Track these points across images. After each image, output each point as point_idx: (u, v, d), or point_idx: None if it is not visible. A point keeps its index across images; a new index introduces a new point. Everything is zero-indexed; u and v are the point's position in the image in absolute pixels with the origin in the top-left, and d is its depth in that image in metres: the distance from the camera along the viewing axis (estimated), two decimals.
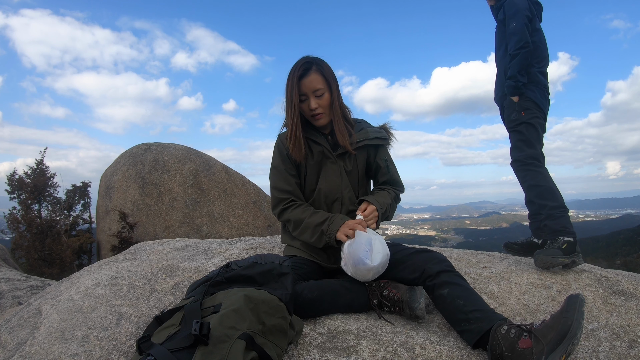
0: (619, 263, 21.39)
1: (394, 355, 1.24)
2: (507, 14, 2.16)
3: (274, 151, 1.81)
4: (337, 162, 1.75)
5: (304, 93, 1.67)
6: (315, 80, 1.65)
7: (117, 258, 2.22)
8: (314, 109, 1.67)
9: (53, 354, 1.29)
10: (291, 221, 1.72)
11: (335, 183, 1.74)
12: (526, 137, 2.12)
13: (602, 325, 1.51)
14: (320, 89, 1.66)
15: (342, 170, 1.76)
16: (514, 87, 2.11)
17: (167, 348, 0.95)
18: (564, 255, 1.91)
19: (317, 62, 1.68)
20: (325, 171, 1.75)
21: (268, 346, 1.06)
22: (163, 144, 6.74)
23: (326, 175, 1.75)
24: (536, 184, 2.09)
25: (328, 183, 1.74)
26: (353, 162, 1.78)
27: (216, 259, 2.04)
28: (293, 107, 1.65)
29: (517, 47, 2.08)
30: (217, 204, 6.30)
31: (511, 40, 2.12)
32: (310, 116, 1.70)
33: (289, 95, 1.66)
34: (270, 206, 1.83)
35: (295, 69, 1.65)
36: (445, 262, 1.48)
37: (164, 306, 1.55)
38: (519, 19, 2.10)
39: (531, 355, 1.13)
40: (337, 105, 1.71)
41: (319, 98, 1.67)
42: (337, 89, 1.73)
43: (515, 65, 2.09)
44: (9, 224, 7.05)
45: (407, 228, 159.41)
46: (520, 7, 2.12)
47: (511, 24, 2.12)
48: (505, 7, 2.20)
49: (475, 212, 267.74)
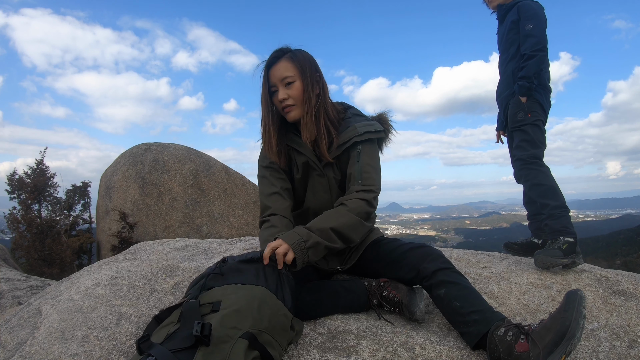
0: (619, 263, 21.39)
1: (394, 355, 1.24)
2: (523, 15, 2.16)
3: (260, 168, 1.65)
4: (324, 175, 1.57)
5: (274, 84, 1.50)
6: (283, 67, 1.48)
7: (117, 258, 2.22)
8: (282, 100, 1.49)
9: (53, 354, 1.29)
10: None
11: (323, 199, 1.59)
12: (531, 137, 2.12)
13: (602, 325, 1.51)
14: (288, 77, 1.48)
15: (331, 183, 1.58)
16: (528, 87, 2.10)
17: (168, 348, 0.95)
18: (564, 255, 1.91)
19: (292, 50, 1.52)
20: (312, 186, 1.59)
21: (272, 345, 1.06)
22: (163, 144, 6.74)
23: (314, 191, 1.59)
24: (539, 183, 2.09)
25: (316, 200, 1.60)
26: (340, 169, 1.58)
27: (216, 259, 2.04)
28: (264, 100, 1.51)
29: (535, 48, 2.08)
30: (217, 204, 6.30)
31: (527, 41, 2.11)
32: (281, 109, 1.52)
33: (263, 90, 1.52)
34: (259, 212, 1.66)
35: (262, 63, 1.52)
36: (440, 259, 1.40)
37: (163, 306, 1.55)
38: (538, 22, 2.11)
39: (528, 359, 1.12)
40: (309, 97, 1.49)
41: (287, 87, 1.48)
42: (314, 79, 1.52)
43: (532, 66, 2.09)
44: (9, 224, 7.05)
45: (407, 228, 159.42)
46: (538, 12, 2.14)
47: (527, 25, 2.12)
48: (520, 9, 2.19)
49: (475, 212, 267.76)
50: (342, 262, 1.63)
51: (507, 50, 2.29)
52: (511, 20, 2.24)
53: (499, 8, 2.36)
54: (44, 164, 7.52)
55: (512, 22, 2.24)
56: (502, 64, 2.35)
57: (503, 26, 2.34)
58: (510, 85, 2.25)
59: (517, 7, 2.21)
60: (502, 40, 2.35)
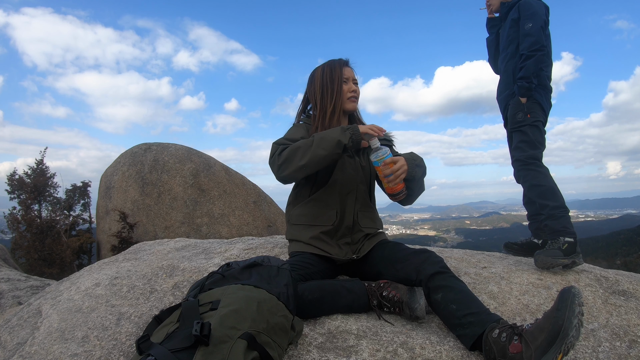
0: (619, 263, 21.37)
1: (394, 355, 1.24)
2: (523, 14, 2.16)
3: (294, 127, 1.85)
4: (353, 157, 1.79)
5: (347, 77, 1.83)
6: (353, 72, 1.88)
7: (117, 258, 2.22)
8: (355, 90, 1.84)
9: (53, 354, 1.29)
10: (299, 147, 1.59)
11: (351, 175, 1.76)
12: (530, 138, 2.12)
13: (602, 325, 1.51)
14: (356, 80, 1.88)
15: (358, 165, 1.79)
16: (527, 88, 2.10)
17: (168, 348, 0.95)
18: (564, 255, 1.91)
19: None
20: (342, 164, 1.76)
21: (271, 345, 1.06)
22: (163, 144, 6.74)
23: (343, 168, 1.76)
24: (538, 184, 2.08)
25: (345, 175, 1.75)
26: (366, 159, 1.82)
27: (216, 259, 2.04)
28: (337, 85, 1.80)
29: (532, 48, 2.08)
30: (217, 204, 6.30)
31: (525, 40, 2.11)
32: (348, 98, 1.83)
33: (333, 75, 1.81)
34: (269, 159, 1.71)
35: (337, 60, 1.85)
36: (440, 264, 1.47)
37: (164, 306, 1.55)
38: (536, 21, 2.10)
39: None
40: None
41: (356, 85, 1.87)
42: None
43: (530, 66, 2.08)
44: (9, 224, 7.05)
45: (407, 228, 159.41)
46: (537, 10, 2.13)
47: (527, 24, 2.12)
48: (521, 7, 2.19)
49: (475, 212, 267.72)
50: (355, 251, 1.72)
51: (506, 49, 2.29)
52: (512, 18, 2.24)
53: (502, 6, 2.36)
54: (44, 164, 7.52)
55: (513, 20, 2.23)
56: (502, 63, 2.35)
57: (504, 25, 2.34)
58: (510, 85, 2.25)
59: (518, 5, 2.21)
60: (502, 38, 2.35)
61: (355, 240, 1.75)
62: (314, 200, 1.76)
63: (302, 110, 1.95)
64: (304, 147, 1.58)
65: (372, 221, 1.82)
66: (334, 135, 1.57)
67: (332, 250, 1.70)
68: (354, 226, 1.75)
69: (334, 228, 1.72)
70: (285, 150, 1.62)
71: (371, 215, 1.82)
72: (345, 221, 1.74)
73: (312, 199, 1.76)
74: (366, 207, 1.80)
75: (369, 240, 1.75)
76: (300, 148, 1.58)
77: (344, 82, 1.82)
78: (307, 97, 1.91)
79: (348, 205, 1.75)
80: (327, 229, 1.71)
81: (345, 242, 1.74)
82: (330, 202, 1.74)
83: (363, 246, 1.73)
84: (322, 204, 1.74)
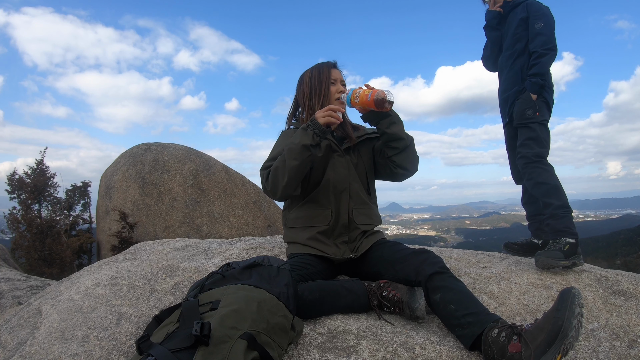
0: (619, 263, 21.37)
1: (394, 355, 1.24)
2: (533, 14, 2.18)
3: (280, 137, 1.89)
4: (344, 156, 1.81)
5: (334, 78, 1.86)
6: (341, 74, 1.91)
7: (117, 258, 2.22)
8: (342, 92, 1.86)
9: (53, 354, 1.29)
10: (277, 167, 1.64)
11: (343, 174, 1.78)
12: (538, 135, 2.12)
13: (602, 325, 1.51)
14: (344, 82, 1.90)
15: (349, 163, 1.81)
16: (541, 85, 2.11)
17: (168, 348, 0.95)
18: (565, 257, 1.89)
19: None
20: (332, 164, 1.79)
21: (271, 345, 1.06)
22: (163, 144, 6.74)
23: (334, 167, 1.78)
24: (543, 182, 2.07)
25: (336, 174, 1.77)
26: (358, 156, 1.85)
27: (216, 259, 2.04)
28: (325, 86, 1.83)
29: (545, 47, 2.10)
30: (217, 204, 6.30)
31: (537, 39, 2.13)
32: (336, 99, 1.85)
33: (320, 77, 1.84)
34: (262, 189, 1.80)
35: (325, 62, 1.89)
36: (438, 264, 1.47)
37: (164, 306, 1.55)
38: (547, 21, 2.14)
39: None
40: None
41: (344, 87, 1.89)
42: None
43: (544, 63, 2.10)
44: (9, 224, 7.05)
45: (407, 228, 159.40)
46: (547, 12, 2.17)
47: (537, 23, 2.14)
48: (529, 7, 2.21)
49: (475, 212, 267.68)
50: (353, 250, 1.73)
51: (513, 47, 2.28)
52: (520, 17, 2.24)
53: (505, 5, 2.36)
54: (44, 164, 7.52)
55: (521, 19, 2.23)
56: (507, 60, 2.33)
57: (509, 23, 2.33)
58: (518, 82, 2.24)
59: (526, 5, 2.22)
60: (507, 36, 2.34)
61: (353, 238, 1.76)
62: (309, 202, 1.77)
63: (292, 114, 1.97)
64: (280, 165, 1.63)
65: (369, 217, 1.82)
66: (297, 141, 1.60)
67: (329, 250, 1.70)
68: (349, 224, 1.76)
69: (330, 227, 1.73)
70: (270, 175, 1.68)
71: (367, 211, 1.83)
72: (340, 220, 1.75)
73: (307, 201, 1.77)
74: (361, 204, 1.80)
75: (367, 239, 1.76)
76: (278, 168, 1.63)
77: (331, 83, 1.84)
78: (297, 99, 1.94)
79: (342, 204, 1.76)
80: (324, 229, 1.72)
81: (343, 240, 1.75)
82: (324, 203, 1.75)
83: (361, 244, 1.74)
84: (317, 205, 1.76)
